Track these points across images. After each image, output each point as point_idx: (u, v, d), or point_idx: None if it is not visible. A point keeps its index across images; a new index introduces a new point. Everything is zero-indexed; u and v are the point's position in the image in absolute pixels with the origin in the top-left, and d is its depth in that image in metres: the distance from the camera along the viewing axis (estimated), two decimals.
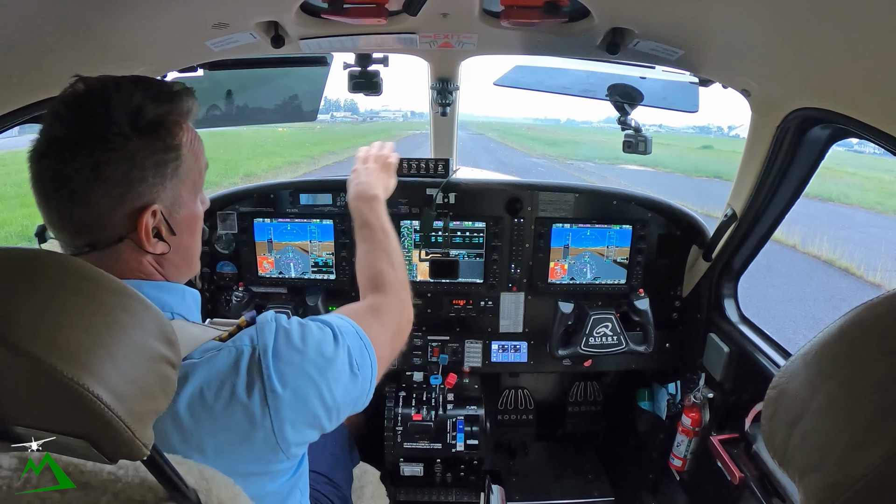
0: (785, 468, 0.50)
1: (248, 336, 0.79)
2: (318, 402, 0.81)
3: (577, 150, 30.88)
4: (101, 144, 0.70)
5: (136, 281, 0.78)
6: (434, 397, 2.03)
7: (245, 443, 0.76)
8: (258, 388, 0.75)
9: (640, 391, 2.32)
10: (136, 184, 0.73)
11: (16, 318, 0.46)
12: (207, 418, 0.73)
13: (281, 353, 0.78)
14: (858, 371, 0.44)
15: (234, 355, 0.76)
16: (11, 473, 0.56)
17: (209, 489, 0.62)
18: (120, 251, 0.76)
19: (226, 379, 0.74)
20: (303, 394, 0.79)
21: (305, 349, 0.81)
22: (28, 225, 8.87)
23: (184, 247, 0.84)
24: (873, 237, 10.75)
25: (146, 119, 0.74)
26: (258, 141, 26.44)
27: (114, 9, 1.06)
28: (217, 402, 0.74)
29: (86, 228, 0.74)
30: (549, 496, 2.34)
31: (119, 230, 0.75)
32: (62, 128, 0.71)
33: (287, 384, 0.77)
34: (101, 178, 0.71)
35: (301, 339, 0.82)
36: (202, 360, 0.75)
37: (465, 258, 2.03)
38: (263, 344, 0.78)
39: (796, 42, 1.09)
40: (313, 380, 0.80)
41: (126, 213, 0.74)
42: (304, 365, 0.80)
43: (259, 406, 0.75)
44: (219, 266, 2.06)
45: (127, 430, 0.49)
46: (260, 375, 0.75)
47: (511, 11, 1.28)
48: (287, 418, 0.77)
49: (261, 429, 0.76)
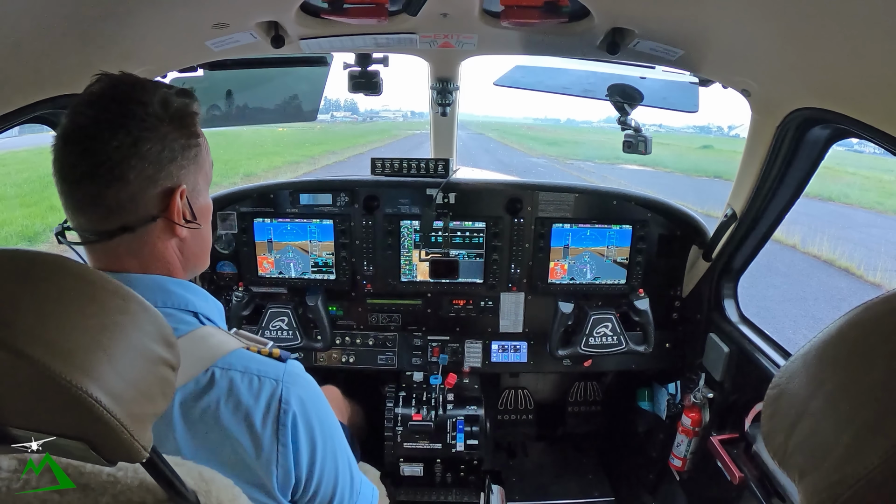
0: (785, 468, 0.50)
1: (275, 374, 0.82)
2: (306, 466, 0.83)
3: (577, 150, 30.85)
4: (140, 124, 0.74)
5: (161, 277, 0.80)
6: (434, 397, 2.03)
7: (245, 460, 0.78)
8: (271, 424, 0.78)
9: (640, 391, 2.32)
10: (167, 163, 0.77)
11: (15, 320, 0.46)
12: (215, 424, 0.76)
13: (305, 406, 0.82)
14: (858, 371, 0.44)
15: (257, 385, 0.79)
16: (11, 475, 0.56)
17: (208, 490, 0.61)
18: (151, 233, 0.78)
19: (241, 401, 0.78)
20: (305, 452, 0.82)
21: (325, 415, 0.87)
22: (28, 225, 8.86)
23: (203, 235, 0.88)
24: (873, 237, 10.74)
25: (174, 107, 0.79)
26: (258, 141, 26.41)
27: (114, 9, 1.07)
28: (234, 418, 0.77)
29: (120, 208, 0.75)
30: (549, 496, 2.34)
31: (152, 209, 0.77)
32: (97, 112, 0.74)
33: (297, 438, 0.81)
34: (139, 156, 0.74)
35: (326, 404, 0.89)
36: (234, 371, 0.78)
37: (465, 258, 2.02)
38: (287, 391, 0.81)
39: (796, 42, 1.09)
40: (319, 446, 0.85)
41: (158, 193, 0.77)
42: (318, 425, 0.84)
43: (270, 441, 0.78)
44: (219, 266, 2.06)
45: (125, 433, 0.49)
46: (276, 419, 0.79)
47: (511, 11, 1.28)
48: (282, 465, 0.80)
49: (262, 461, 0.78)
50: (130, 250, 0.78)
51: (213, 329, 0.82)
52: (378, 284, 2.07)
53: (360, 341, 2.12)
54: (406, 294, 2.09)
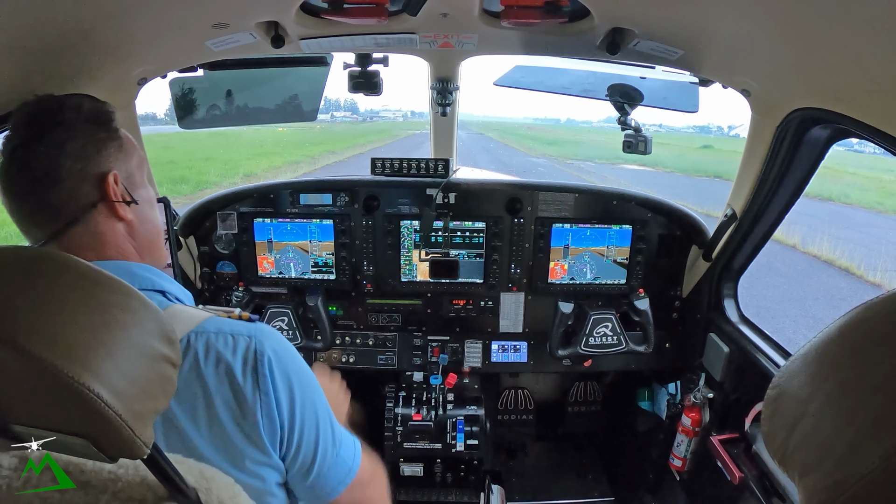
0: (785, 468, 0.50)
1: (247, 331, 0.86)
2: (287, 413, 0.87)
3: (577, 150, 30.84)
4: (61, 129, 0.84)
5: (125, 262, 0.87)
6: (434, 397, 2.03)
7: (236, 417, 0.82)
8: (251, 374, 0.83)
9: (640, 391, 2.32)
10: (93, 155, 0.86)
11: (17, 317, 0.47)
12: (200, 386, 0.80)
13: (280, 356, 0.86)
14: (858, 371, 0.44)
15: (231, 342, 0.84)
16: (12, 473, 0.56)
17: (209, 488, 0.62)
18: (96, 220, 0.85)
19: (220, 357, 0.82)
20: (285, 400, 0.86)
21: (301, 367, 0.90)
22: None
23: (149, 220, 0.94)
24: (873, 237, 10.75)
25: (87, 108, 0.89)
26: (258, 141, 26.43)
27: (114, 9, 1.06)
28: (215, 375, 0.81)
29: (62, 207, 0.83)
30: (549, 496, 2.34)
31: (90, 197, 0.85)
32: (26, 131, 0.84)
33: (275, 386, 0.84)
34: (65, 155, 0.83)
35: (300, 358, 0.91)
36: (208, 333, 0.83)
37: (465, 258, 2.03)
38: (261, 344, 0.85)
39: (796, 42, 1.09)
40: (298, 392, 0.88)
41: (92, 183, 0.85)
42: (294, 375, 0.88)
43: (251, 391, 0.82)
44: (219, 266, 2.06)
45: (127, 429, 0.49)
46: (255, 369, 0.83)
47: (511, 11, 1.28)
48: (266, 414, 0.84)
49: (248, 413, 0.82)
50: (83, 243, 0.84)
51: (183, 306, 0.87)
52: (378, 284, 2.07)
53: (360, 341, 2.12)
54: (406, 294, 2.09)
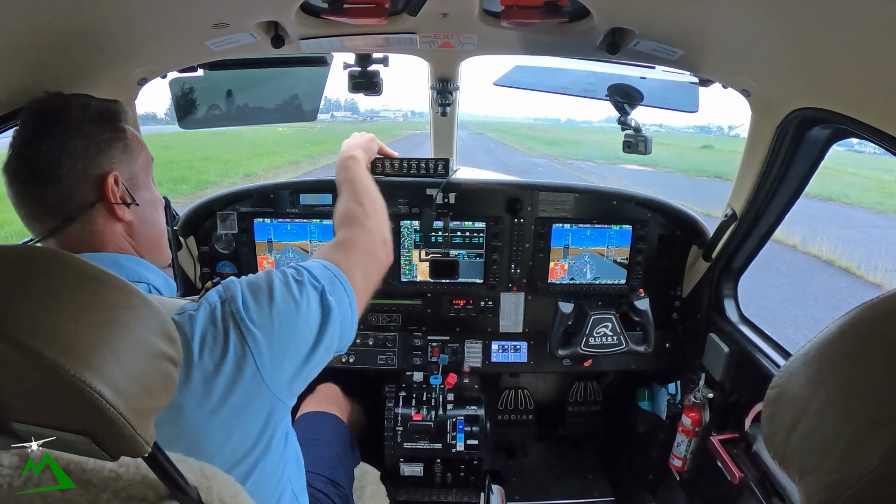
0: (785, 468, 0.50)
1: (215, 292, 0.85)
2: (294, 333, 0.85)
3: (578, 150, 30.83)
4: (64, 126, 0.85)
5: (113, 255, 0.87)
6: (434, 397, 2.03)
7: (236, 386, 0.79)
8: (234, 331, 0.80)
9: (640, 391, 2.32)
10: (95, 155, 0.86)
11: (18, 314, 0.47)
12: (197, 369, 0.78)
13: (247, 299, 0.84)
14: (858, 371, 0.44)
15: (209, 310, 0.81)
16: (12, 472, 0.56)
17: (210, 487, 0.62)
18: (94, 219, 0.87)
19: (206, 331, 0.79)
20: (277, 329, 0.83)
21: (273, 290, 0.87)
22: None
23: (150, 220, 0.95)
24: (873, 237, 10.75)
25: (93, 108, 0.90)
26: (258, 141, 26.44)
27: (114, 9, 1.06)
28: (203, 352, 0.78)
29: (61, 204, 0.84)
30: (549, 496, 2.34)
31: (89, 196, 0.86)
32: (28, 129, 0.85)
33: (260, 323, 0.82)
34: (67, 153, 0.84)
35: (266, 283, 0.87)
36: (182, 318, 0.80)
37: (465, 258, 2.03)
38: (231, 295, 0.84)
39: (796, 42, 1.09)
40: (283, 312, 0.85)
41: (92, 182, 0.86)
42: (273, 303, 0.85)
43: (238, 346, 0.80)
44: (219, 266, 2.06)
45: (128, 427, 0.49)
46: (234, 319, 0.81)
47: (511, 11, 1.28)
48: (266, 355, 0.81)
49: (247, 368, 0.80)
50: (80, 240, 0.86)
51: (160, 297, 0.88)
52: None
53: (360, 341, 2.12)
54: (406, 294, 2.09)
